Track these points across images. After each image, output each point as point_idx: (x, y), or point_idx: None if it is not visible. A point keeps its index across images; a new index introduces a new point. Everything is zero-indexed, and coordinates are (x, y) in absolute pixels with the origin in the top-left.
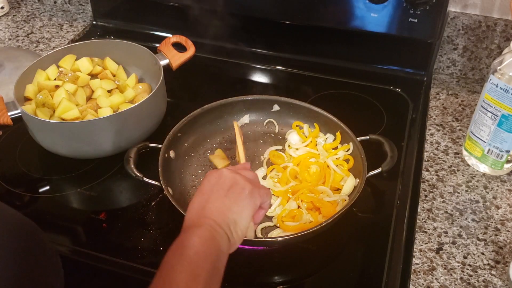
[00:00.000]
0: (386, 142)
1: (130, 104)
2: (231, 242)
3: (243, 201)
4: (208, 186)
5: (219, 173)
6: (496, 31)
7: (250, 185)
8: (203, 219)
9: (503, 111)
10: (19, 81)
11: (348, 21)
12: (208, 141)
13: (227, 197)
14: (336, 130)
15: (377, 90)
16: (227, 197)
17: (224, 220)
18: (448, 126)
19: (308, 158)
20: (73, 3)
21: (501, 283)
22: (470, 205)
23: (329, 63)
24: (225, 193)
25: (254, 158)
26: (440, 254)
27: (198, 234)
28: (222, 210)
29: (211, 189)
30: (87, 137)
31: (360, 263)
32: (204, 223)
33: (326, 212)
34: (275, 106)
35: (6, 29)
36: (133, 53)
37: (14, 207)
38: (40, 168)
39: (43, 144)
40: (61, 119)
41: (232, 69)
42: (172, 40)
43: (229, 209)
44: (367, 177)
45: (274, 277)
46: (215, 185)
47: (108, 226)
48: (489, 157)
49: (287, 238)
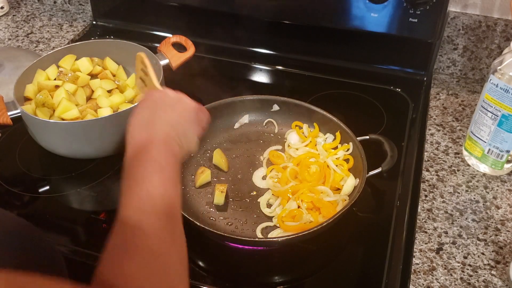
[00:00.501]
0: (386, 141)
1: (130, 104)
2: (181, 151)
3: (191, 118)
4: (150, 103)
5: (162, 91)
6: (496, 31)
7: (195, 104)
8: (153, 131)
9: (503, 111)
10: (19, 81)
11: (348, 21)
12: (207, 141)
13: (174, 111)
14: (335, 130)
15: (377, 90)
16: (174, 111)
17: (174, 133)
18: (448, 126)
19: (308, 158)
20: (73, 3)
21: (501, 283)
22: (470, 205)
23: (329, 63)
24: (172, 109)
25: (253, 158)
26: (440, 254)
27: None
28: (171, 123)
29: (156, 105)
30: (87, 137)
31: (360, 263)
32: (156, 135)
33: (326, 212)
34: (275, 106)
35: (6, 29)
36: (133, 53)
37: (14, 207)
38: (40, 168)
39: (42, 144)
40: (61, 119)
41: (232, 69)
42: (172, 40)
43: (178, 123)
44: (367, 177)
45: (274, 277)
46: (158, 102)
47: (108, 226)
48: (489, 157)
49: (287, 238)
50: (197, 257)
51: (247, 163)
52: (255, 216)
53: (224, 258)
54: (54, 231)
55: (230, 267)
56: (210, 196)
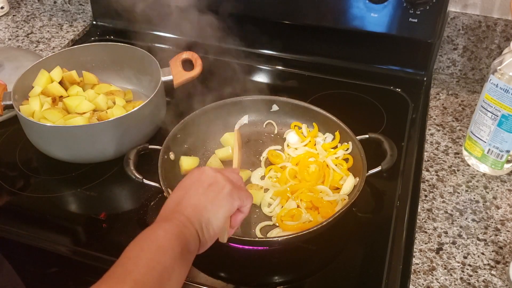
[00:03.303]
0: (385, 140)
1: (123, 111)
2: (201, 241)
3: (220, 200)
4: (188, 182)
5: (201, 170)
6: (496, 31)
7: (230, 185)
8: (175, 214)
9: (503, 111)
10: (19, 81)
11: (348, 21)
12: (207, 142)
13: (205, 194)
14: (335, 129)
15: (377, 90)
16: (205, 194)
17: (197, 217)
18: (448, 126)
19: (307, 158)
20: (73, 3)
21: (501, 283)
22: (470, 205)
23: (329, 63)
24: (203, 191)
25: (253, 158)
26: (440, 254)
27: (164, 228)
28: (197, 207)
29: (191, 185)
30: (85, 142)
31: (360, 263)
32: (175, 218)
33: (325, 212)
34: (274, 106)
35: (6, 29)
36: (132, 55)
37: (14, 207)
38: (40, 168)
39: (34, 143)
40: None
41: (232, 69)
42: (182, 56)
43: (205, 207)
44: (367, 177)
45: (274, 277)
46: (195, 182)
47: (108, 226)
48: (489, 157)
49: (287, 238)
50: (197, 257)
51: (246, 163)
52: (255, 216)
53: (224, 258)
54: (54, 231)
55: (230, 267)
56: None
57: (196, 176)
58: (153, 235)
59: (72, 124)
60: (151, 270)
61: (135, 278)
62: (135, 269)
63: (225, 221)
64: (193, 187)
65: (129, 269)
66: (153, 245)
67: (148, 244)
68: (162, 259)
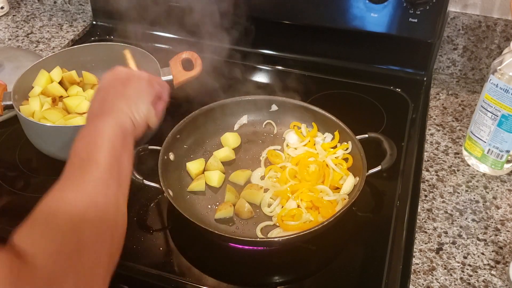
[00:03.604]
0: (385, 140)
1: None
2: (134, 124)
3: (142, 88)
4: (105, 83)
5: (113, 71)
6: (496, 31)
7: (146, 75)
8: (105, 109)
9: (503, 111)
10: (19, 81)
11: (348, 21)
12: (207, 142)
13: (126, 87)
14: (334, 129)
15: (377, 90)
16: (126, 87)
17: (126, 105)
18: (448, 126)
19: (307, 158)
20: (73, 3)
21: (501, 283)
22: (470, 205)
23: (329, 63)
24: (123, 85)
25: (253, 158)
26: (440, 254)
27: (103, 121)
28: (123, 97)
29: (109, 84)
30: None
31: (360, 263)
32: (106, 112)
33: (325, 212)
34: (273, 106)
35: (6, 29)
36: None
37: (14, 207)
38: (40, 168)
39: (38, 146)
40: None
41: (231, 69)
42: (182, 56)
43: (129, 96)
44: (367, 177)
45: (274, 277)
46: (112, 81)
47: None
48: (489, 157)
49: (287, 238)
50: (198, 258)
51: (246, 163)
52: (255, 216)
53: (225, 258)
54: None
55: (230, 267)
56: (210, 197)
57: (111, 76)
58: (97, 131)
59: (72, 124)
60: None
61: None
62: (97, 167)
63: (150, 106)
64: (112, 85)
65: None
66: (104, 140)
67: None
68: (115, 147)
